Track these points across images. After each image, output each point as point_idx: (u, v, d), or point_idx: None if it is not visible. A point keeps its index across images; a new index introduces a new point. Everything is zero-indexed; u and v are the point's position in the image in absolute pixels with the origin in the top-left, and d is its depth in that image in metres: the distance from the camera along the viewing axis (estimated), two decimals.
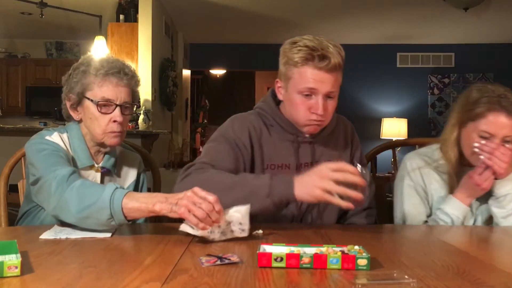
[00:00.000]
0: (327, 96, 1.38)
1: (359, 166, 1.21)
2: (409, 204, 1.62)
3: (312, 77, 1.35)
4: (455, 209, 1.53)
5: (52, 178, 1.31)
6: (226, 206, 1.18)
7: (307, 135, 1.47)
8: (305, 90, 1.37)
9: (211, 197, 1.12)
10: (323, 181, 1.19)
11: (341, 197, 1.19)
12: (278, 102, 1.53)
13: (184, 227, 1.16)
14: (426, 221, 1.60)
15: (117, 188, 1.23)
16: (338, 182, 1.18)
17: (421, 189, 1.63)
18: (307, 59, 1.35)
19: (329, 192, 1.19)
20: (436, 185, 1.62)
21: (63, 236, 1.19)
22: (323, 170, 1.21)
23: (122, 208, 1.19)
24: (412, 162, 1.66)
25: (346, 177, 1.19)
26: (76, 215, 1.23)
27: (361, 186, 1.18)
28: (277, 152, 1.48)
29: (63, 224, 1.33)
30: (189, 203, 1.12)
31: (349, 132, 1.61)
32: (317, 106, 1.37)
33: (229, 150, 1.42)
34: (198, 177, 1.32)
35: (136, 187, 1.65)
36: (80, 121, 1.53)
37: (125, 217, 1.20)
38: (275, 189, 1.23)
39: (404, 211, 1.62)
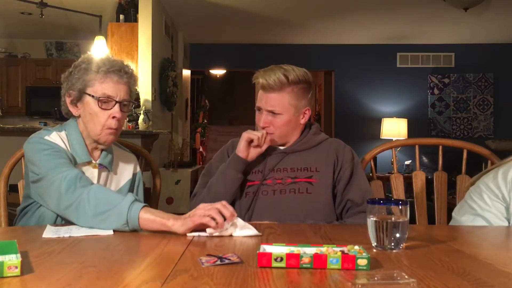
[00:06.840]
0: (271, 112, 1.65)
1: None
2: None
3: (259, 96, 1.68)
4: None
5: (60, 179, 1.36)
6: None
7: (281, 147, 1.72)
8: (256, 107, 1.70)
9: (219, 205, 1.23)
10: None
11: None
12: None
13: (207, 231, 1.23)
14: None
15: (136, 199, 1.29)
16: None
17: None
18: (257, 83, 1.67)
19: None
20: None
21: (66, 235, 1.20)
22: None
23: (138, 219, 1.24)
24: None
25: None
26: (92, 217, 1.28)
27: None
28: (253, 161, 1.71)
29: (70, 223, 1.37)
30: (202, 216, 1.21)
31: (337, 152, 1.71)
32: (260, 119, 1.67)
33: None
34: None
35: (132, 186, 1.69)
36: (78, 117, 1.57)
37: (140, 226, 1.25)
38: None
39: None
